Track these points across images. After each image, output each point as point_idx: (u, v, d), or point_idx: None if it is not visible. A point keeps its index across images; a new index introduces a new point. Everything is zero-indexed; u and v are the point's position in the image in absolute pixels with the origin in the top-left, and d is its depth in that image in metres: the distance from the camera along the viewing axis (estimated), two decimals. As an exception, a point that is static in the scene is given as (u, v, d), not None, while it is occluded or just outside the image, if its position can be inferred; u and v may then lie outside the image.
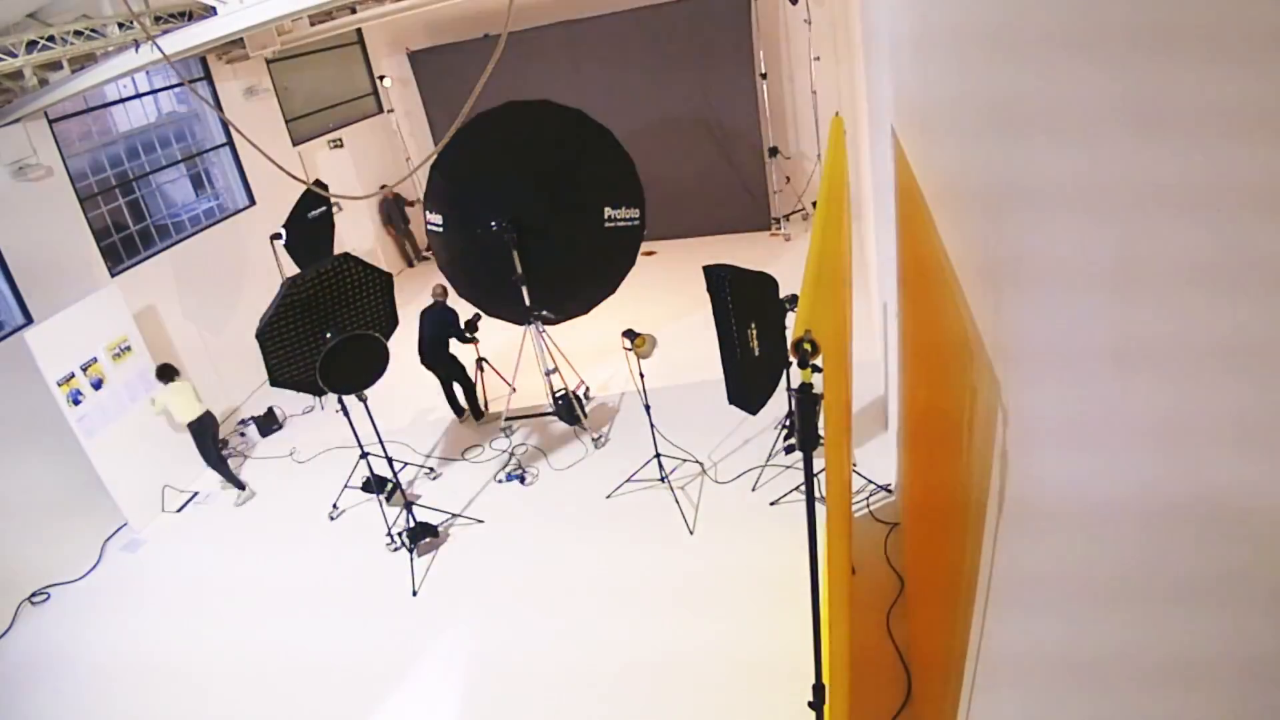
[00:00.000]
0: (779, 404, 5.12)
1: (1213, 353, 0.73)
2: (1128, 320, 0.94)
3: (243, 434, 7.68)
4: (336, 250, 7.65)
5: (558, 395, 6.64)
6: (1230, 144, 0.67)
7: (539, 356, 6.45)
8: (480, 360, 6.82)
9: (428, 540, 5.42)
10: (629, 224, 6.22)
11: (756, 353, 4.23)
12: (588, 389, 7.06)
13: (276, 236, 7.97)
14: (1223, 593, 0.76)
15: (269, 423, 7.71)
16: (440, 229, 6.36)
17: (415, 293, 8.50)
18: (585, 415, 6.66)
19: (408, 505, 5.47)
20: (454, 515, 5.73)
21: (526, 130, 5.98)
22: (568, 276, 6.33)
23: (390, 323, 5.81)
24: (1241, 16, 0.63)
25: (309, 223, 8.08)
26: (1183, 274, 0.78)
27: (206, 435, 6.52)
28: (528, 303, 6.13)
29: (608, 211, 6.10)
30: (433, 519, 5.59)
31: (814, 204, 8.79)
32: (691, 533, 5.13)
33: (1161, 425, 0.87)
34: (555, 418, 6.71)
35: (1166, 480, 0.87)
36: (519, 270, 5.95)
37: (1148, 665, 0.97)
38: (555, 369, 6.60)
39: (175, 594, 5.69)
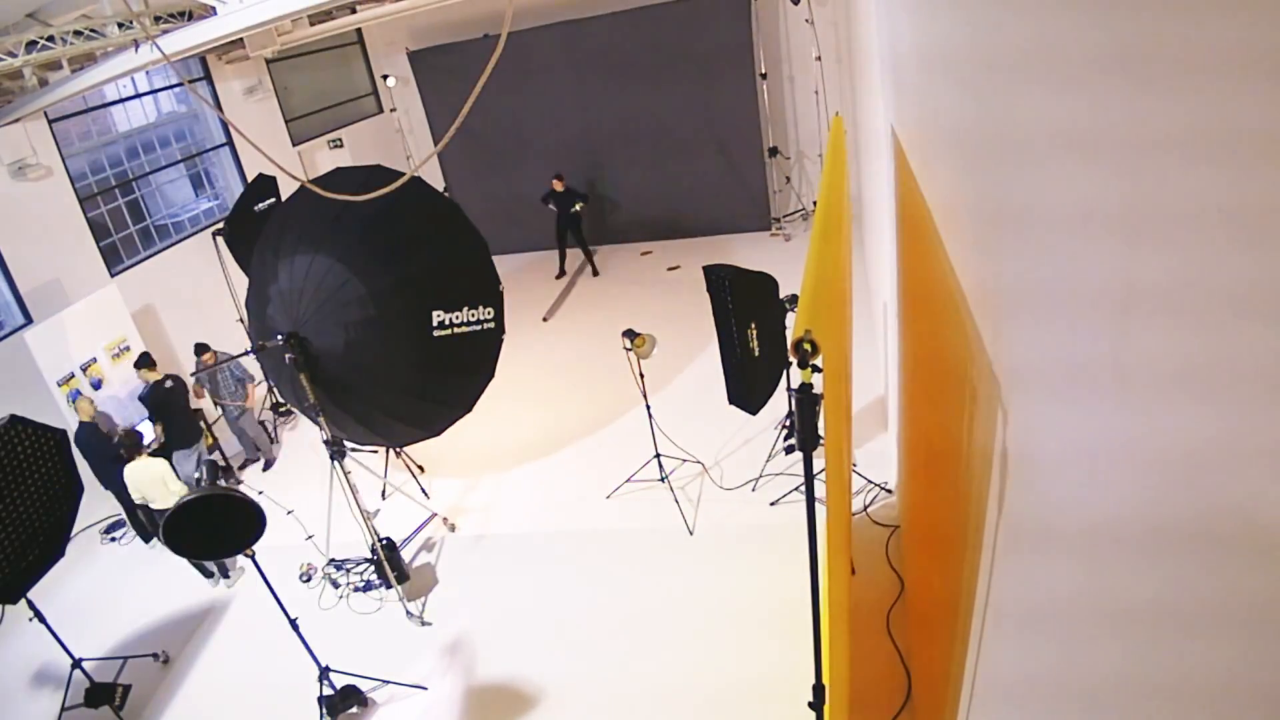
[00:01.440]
0: (779, 404, 5.12)
1: (1218, 371, 0.73)
2: (1129, 331, 0.93)
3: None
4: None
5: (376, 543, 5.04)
6: (1234, 154, 0.66)
7: (350, 497, 4.86)
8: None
9: (354, 711, 4.33)
10: (477, 328, 4.81)
11: (756, 353, 4.22)
12: (453, 525, 5.74)
13: (219, 232, 7.14)
14: (1222, 612, 0.76)
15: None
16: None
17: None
18: (402, 574, 5.13)
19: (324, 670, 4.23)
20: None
21: (334, 209, 4.33)
22: (376, 401, 4.84)
23: (73, 490, 4.42)
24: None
25: (255, 217, 7.03)
26: (1185, 291, 0.78)
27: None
28: (326, 435, 4.77)
29: (438, 315, 4.67)
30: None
31: (814, 204, 8.79)
32: (691, 533, 5.13)
33: (1162, 440, 0.87)
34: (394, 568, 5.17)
35: (1166, 492, 0.86)
36: (310, 397, 4.56)
37: (1145, 678, 0.97)
38: (377, 511, 5.33)
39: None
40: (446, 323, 4.71)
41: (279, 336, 4.51)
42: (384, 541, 5.09)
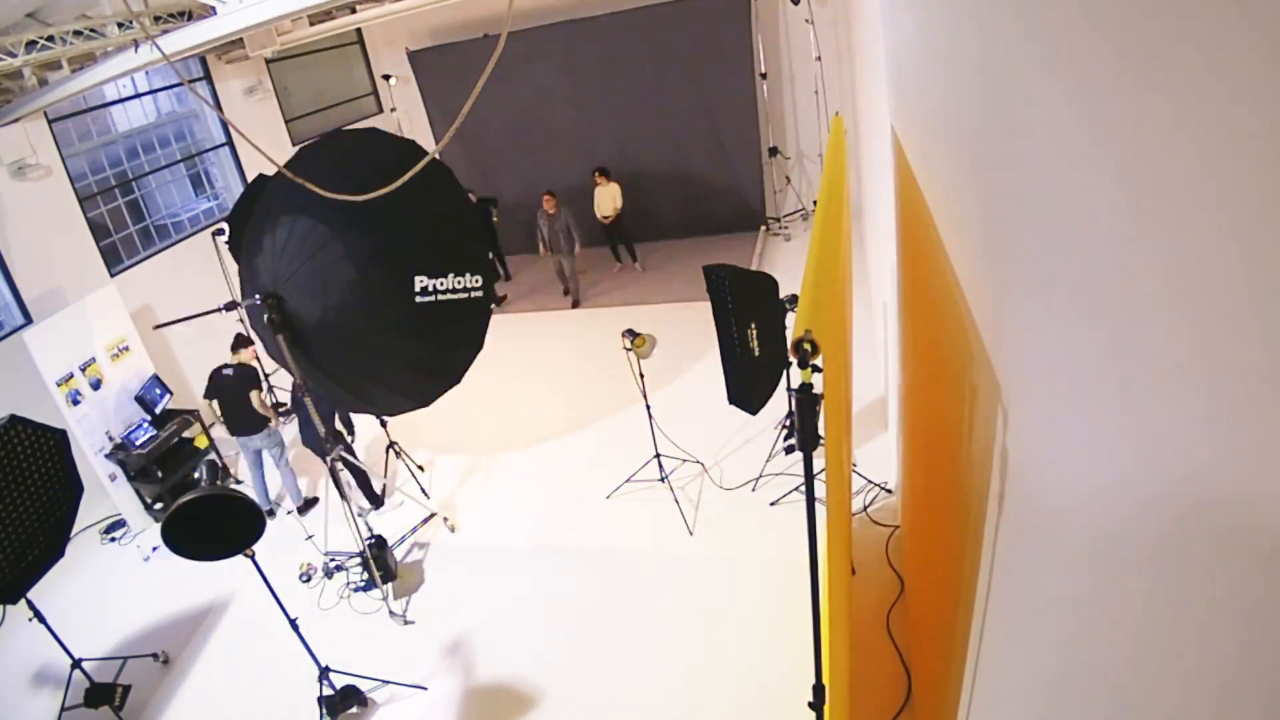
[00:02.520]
0: (779, 404, 5.12)
1: (1219, 372, 0.73)
2: (1130, 331, 0.93)
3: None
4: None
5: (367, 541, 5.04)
6: (1232, 142, 0.66)
7: (342, 494, 4.93)
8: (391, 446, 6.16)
9: (354, 711, 4.34)
10: (464, 296, 4.66)
11: (756, 353, 4.22)
12: (453, 525, 5.77)
13: (219, 232, 6.85)
14: (1224, 612, 0.75)
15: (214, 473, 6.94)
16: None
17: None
18: (389, 574, 5.13)
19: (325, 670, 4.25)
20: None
21: (323, 171, 4.22)
22: (360, 367, 4.75)
23: (73, 490, 4.42)
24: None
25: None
26: (1187, 291, 0.78)
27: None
28: (322, 431, 4.81)
29: (421, 281, 4.54)
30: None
31: (814, 204, 8.79)
32: (691, 534, 5.13)
33: (1163, 440, 0.87)
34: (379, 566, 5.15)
35: (1168, 492, 0.86)
36: (289, 360, 4.55)
37: (1147, 669, 0.97)
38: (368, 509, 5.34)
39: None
40: (430, 289, 4.57)
41: (257, 297, 4.41)
42: (372, 540, 5.10)
